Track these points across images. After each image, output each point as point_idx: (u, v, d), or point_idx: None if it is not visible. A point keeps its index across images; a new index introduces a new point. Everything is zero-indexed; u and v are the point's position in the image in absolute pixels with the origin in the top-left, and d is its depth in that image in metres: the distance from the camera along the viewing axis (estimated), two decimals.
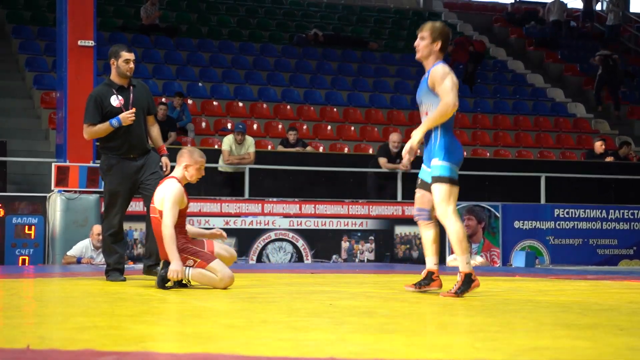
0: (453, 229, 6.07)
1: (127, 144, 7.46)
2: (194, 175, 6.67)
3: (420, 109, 6.32)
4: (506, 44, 23.54)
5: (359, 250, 13.44)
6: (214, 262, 6.59)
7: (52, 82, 15.48)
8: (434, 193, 6.09)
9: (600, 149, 16.38)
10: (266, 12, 21.97)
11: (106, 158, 7.52)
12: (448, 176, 6.06)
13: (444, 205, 6.04)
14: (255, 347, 3.61)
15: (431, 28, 6.30)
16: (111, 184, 7.48)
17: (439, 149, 6.09)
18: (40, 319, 4.61)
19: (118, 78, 7.58)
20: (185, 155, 6.66)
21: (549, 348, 3.63)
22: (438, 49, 6.27)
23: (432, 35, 6.27)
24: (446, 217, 6.06)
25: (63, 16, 11.91)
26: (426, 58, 6.32)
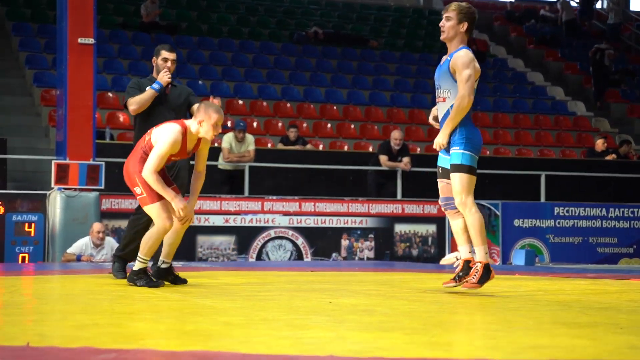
0: (472, 219, 5.96)
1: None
2: (209, 132, 6.23)
3: (437, 93, 6.16)
4: (506, 42, 23.53)
5: (358, 248, 13.44)
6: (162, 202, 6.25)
7: (52, 80, 15.47)
8: (453, 181, 5.97)
9: (602, 147, 16.38)
10: (266, 10, 21.96)
11: None
12: (468, 164, 5.95)
13: (463, 195, 5.94)
14: (254, 345, 3.61)
15: (458, 8, 6.07)
16: None
17: (459, 137, 5.99)
18: (40, 317, 4.61)
19: (157, 76, 7.52)
20: (201, 110, 6.30)
21: (549, 346, 3.63)
22: (464, 30, 6.08)
23: (459, 16, 6.06)
24: (465, 207, 5.95)
25: (63, 14, 11.90)
26: (451, 40, 6.14)
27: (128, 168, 6.36)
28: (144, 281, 6.38)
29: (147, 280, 6.39)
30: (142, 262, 6.41)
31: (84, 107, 11.80)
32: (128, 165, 6.37)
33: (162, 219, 6.25)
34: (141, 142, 6.39)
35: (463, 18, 6.06)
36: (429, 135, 17.66)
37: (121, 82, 16.85)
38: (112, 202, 12.35)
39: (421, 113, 18.32)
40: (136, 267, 6.42)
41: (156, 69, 7.56)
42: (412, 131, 17.42)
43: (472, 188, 5.97)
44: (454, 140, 6.01)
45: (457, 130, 6.02)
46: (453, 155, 5.99)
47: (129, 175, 6.35)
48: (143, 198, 6.29)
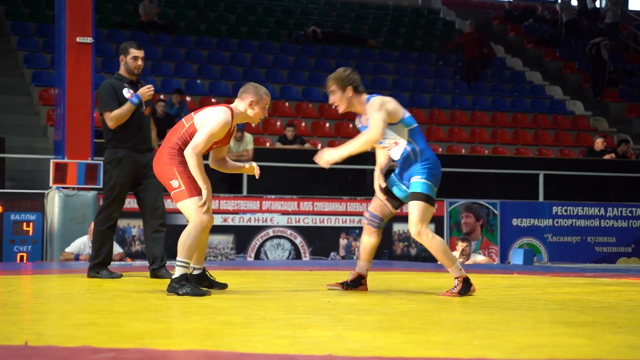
0: (434, 245, 6.01)
1: (138, 135, 7.50)
2: (258, 114, 6.06)
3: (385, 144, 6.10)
4: (505, 42, 23.53)
5: (357, 248, 13.44)
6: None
7: (51, 79, 15.47)
8: (411, 210, 5.96)
9: (602, 146, 16.39)
10: (265, 9, 21.96)
11: (115, 151, 7.49)
12: (427, 194, 5.98)
13: (420, 226, 5.93)
14: (253, 344, 3.61)
15: (334, 79, 6.02)
16: (119, 177, 7.45)
17: (422, 167, 6.01)
18: (38, 316, 4.61)
19: (127, 74, 7.64)
20: (251, 91, 5.99)
21: (547, 345, 3.63)
22: (352, 93, 6.03)
23: (340, 86, 6.02)
24: (423, 236, 5.97)
25: (61, 13, 11.90)
26: (350, 107, 6.09)
27: (162, 159, 5.84)
28: (187, 289, 5.59)
29: (191, 287, 5.61)
30: (183, 267, 5.65)
31: (82, 106, 11.79)
32: (161, 157, 5.85)
33: (201, 213, 5.70)
34: (176, 132, 5.88)
35: (344, 84, 6.02)
36: (428, 134, 17.68)
37: None
38: None
39: (420, 112, 18.32)
40: (177, 273, 5.63)
41: (125, 67, 7.65)
42: None
43: (429, 219, 6.00)
44: (416, 170, 6.02)
45: (420, 160, 6.03)
46: (414, 184, 6.00)
47: (163, 168, 5.82)
48: (180, 192, 5.74)
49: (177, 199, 5.77)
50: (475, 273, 9.13)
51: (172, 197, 5.81)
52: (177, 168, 5.77)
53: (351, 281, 6.33)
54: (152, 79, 17.21)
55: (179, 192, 5.75)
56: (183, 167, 5.77)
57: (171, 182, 5.78)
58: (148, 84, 7.70)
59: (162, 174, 5.85)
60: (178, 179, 5.75)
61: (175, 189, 5.76)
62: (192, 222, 5.71)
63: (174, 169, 5.77)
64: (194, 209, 5.71)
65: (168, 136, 5.92)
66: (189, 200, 5.72)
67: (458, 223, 13.82)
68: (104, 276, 7.41)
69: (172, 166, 5.78)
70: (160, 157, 5.87)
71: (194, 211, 5.71)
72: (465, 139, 17.77)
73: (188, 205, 5.73)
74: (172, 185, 5.78)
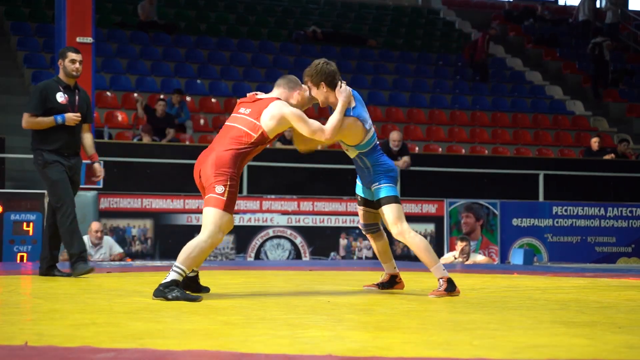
0: (415, 243, 6.07)
1: (64, 141, 7.68)
2: (307, 104, 6.04)
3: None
4: (505, 42, 23.53)
5: (357, 248, 13.44)
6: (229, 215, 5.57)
7: None
8: (385, 215, 6.05)
9: (596, 147, 16.40)
10: (265, 9, 21.96)
11: (40, 154, 7.66)
12: (393, 195, 6.09)
13: (399, 225, 6.01)
14: (253, 344, 3.61)
15: (308, 76, 6.01)
16: (56, 173, 7.65)
17: (375, 174, 6.10)
18: (38, 316, 4.61)
19: (65, 77, 7.81)
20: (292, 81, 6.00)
21: (547, 345, 3.63)
22: (326, 89, 5.99)
23: (312, 81, 6.00)
24: (404, 234, 6.04)
25: (61, 13, 11.90)
26: (327, 102, 6.07)
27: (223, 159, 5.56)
28: (177, 293, 5.36)
29: (180, 292, 5.39)
30: (178, 273, 5.43)
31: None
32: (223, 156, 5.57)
33: (221, 231, 5.50)
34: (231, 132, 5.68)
35: (317, 81, 5.98)
36: (427, 134, 17.68)
37: (120, 82, 16.86)
38: (110, 201, 12.35)
39: (420, 112, 18.33)
40: (169, 278, 5.41)
41: (63, 70, 7.80)
42: (410, 130, 17.42)
43: (403, 215, 6.08)
44: (372, 179, 6.11)
45: (372, 168, 6.10)
46: (376, 191, 6.10)
47: (221, 167, 5.55)
48: (217, 200, 5.50)
49: (211, 203, 5.50)
50: (475, 273, 9.14)
51: (208, 199, 5.52)
52: (230, 178, 5.55)
53: (387, 282, 6.46)
54: (152, 79, 17.22)
55: (217, 199, 5.50)
56: (235, 181, 5.59)
57: (216, 186, 5.52)
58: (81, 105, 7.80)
59: (215, 170, 5.55)
60: (226, 188, 5.53)
61: (217, 194, 5.51)
62: (207, 234, 5.47)
63: (227, 177, 5.55)
64: (218, 223, 5.48)
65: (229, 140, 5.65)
66: (220, 212, 5.49)
67: (458, 223, 13.81)
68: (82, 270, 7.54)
69: (228, 172, 5.55)
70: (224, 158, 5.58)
71: (216, 225, 5.48)
72: (465, 139, 17.77)
73: (215, 216, 5.49)
74: (214, 189, 5.51)
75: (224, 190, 5.51)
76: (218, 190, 5.51)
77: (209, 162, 5.59)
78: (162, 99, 14.95)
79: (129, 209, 12.52)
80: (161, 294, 5.37)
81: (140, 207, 12.51)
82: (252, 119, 5.69)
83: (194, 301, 5.34)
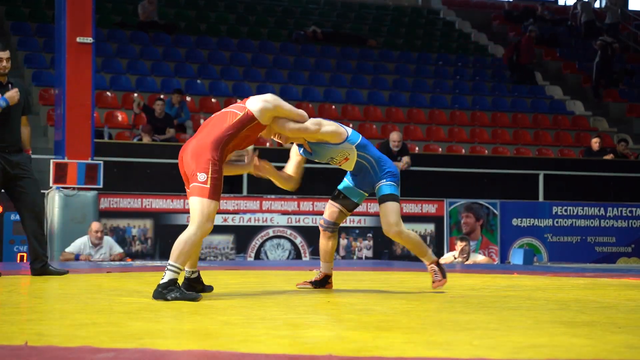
0: (411, 240, 6.28)
1: (1, 137, 7.55)
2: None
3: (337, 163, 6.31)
4: (505, 42, 23.52)
5: (357, 248, 13.44)
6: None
7: (51, 79, 15.46)
8: (387, 213, 6.14)
9: (597, 147, 16.41)
10: (265, 9, 21.96)
11: None
12: (397, 195, 6.20)
13: (399, 225, 6.14)
14: (253, 344, 3.61)
15: None
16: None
17: (380, 171, 6.19)
18: (38, 316, 4.61)
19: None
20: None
21: (547, 345, 3.63)
22: None
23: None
24: (403, 235, 6.19)
25: (62, 13, 11.90)
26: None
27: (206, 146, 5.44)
28: (177, 294, 5.28)
29: (180, 292, 5.30)
30: (174, 272, 5.32)
31: (82, 106, 11.80)
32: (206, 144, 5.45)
33: (209, 220, 5.37)
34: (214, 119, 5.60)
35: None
36: (427, 134, 17.67)
37: (120, 82, 16.86)
38: (110, 201, 12.35)
39: (420, 112, 18.33)
40: (166, 278, 5.31)
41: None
42: (410, 130, 17.42)
43: (400, 216, 6.20)
44: (380, 176, 6.20)
45: (377, 165, 6.19)
46: (382, 188, 6.18)
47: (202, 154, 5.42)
48: (201, 188, 5.34)
49: (195, 193, 5.36)
50: (475, 273, 9.14)
51: (192, 188, 5.39)
52: (212, 164, 5.40)
53: (319, 281, 6.52)
54: (152, 79, 17.22)
55: (200, 188, 5.35)
56: (218, 167, 5.43)
57: (198, 174, 5.38)
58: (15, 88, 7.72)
59: (196, 158, 5.41)
60: (208, 175, 5.37)
61: (200, 183, 5.36)
62: (196, 226, 5.34)
63: (209, 164, 5.39)
64: (205, 212, 5.34)
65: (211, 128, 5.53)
66: (206, 201, 5.34)
67: (458, 223, 13.82)
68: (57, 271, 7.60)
69: (209, 158, 5.40)
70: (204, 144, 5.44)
71: (203, 214, 5.34)
72: (465, 139, 17.77)
73: (202, 205, 5.34)
74: (197, 178, 5.37)
75: (206, 178, 5.35)
76: (200, 179, 5.36)
77: (189, 149, 5.47)
78: (160, 99, 14.94)
79: (129, 209, 12.53)
80: (160, 295, 5.28)
81: (140, 207, 12.52)
82: (238, 104, 5.71)
83: (194, 300, 5.26)
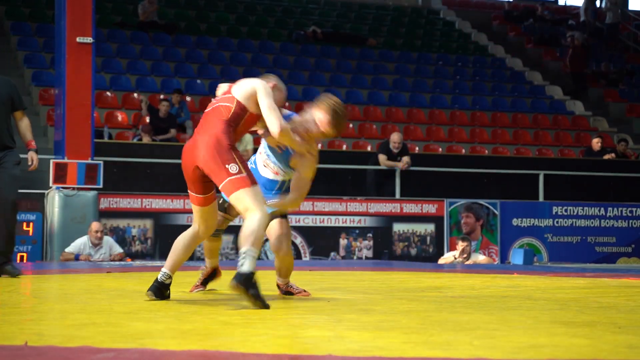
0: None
1: None
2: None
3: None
4: (505, 42, 23.54)
5: (357, 248, 13.44)
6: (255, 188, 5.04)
7: (51, 79, 15.46)
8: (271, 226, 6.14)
9: (598, 147, 16.41)
10: (265, 9, 21.96)
11: None
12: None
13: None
14: (253, 344, 3.61)
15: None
16: None
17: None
18: (38, 316, 4.61)
19: None
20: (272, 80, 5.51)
21: (547, 345, 3.63)
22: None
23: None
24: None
25: (62, 13, 11.90)
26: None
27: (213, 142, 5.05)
28: (255, 291, 4.85)
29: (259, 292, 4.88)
30: (254, 258, 4.92)
31: (82, 106, 11.80)
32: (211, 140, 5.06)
33: (262, 203, 5.00)
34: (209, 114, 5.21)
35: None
36: (427, 134, 17.67)
37: (120, 81, 16.85)
38: (110, 201, 12.35)
39: (419, 112, 18.33)
40: (247, 266, 4.86)
41: None
42: (410, 130, 17.42)
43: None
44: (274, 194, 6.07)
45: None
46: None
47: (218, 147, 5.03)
48: (240, 179, 4.95)
49: (235, 186, 4.95)
50: (475, 273, 9.14)
51: (228, 184, 4.97)
52: (235, 151, 5.03)
53: (208, 276, 6.41)
54: (152, 79, 17.22)
55: (238, 180, 4.95)
56: (239, 152, 5.09)
57: (228, 166, 4.95)
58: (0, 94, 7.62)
59: (215, 152, 5.00)
60: (238, 164, 4.98)
61: (234, 175, 4.94)
62: (258, 209, 4.95)
63: (231, 152, 5.00)
64: (257, 198, 4.97)
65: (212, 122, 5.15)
66: (251, 189, 4.96)
67: (458, 223, 13.82)
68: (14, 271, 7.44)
69: (230, 147, 5.02)
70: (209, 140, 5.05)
71: (258, 201, 4.97)
72: (465, 139, 17.77)
73: (250, 195, 4.97)
74: (229, 170, 4.95)
75: (238, 167, 4.97)
76: (233, 170, 4.96)
77: (203, 145, 5.06)
78: (165, 99, 14.97)
79: (129, 209, 12.52)
80: (242, 284, 4.79)
81: (140, 207, 12.51)
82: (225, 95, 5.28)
83: (264, 308, 4.84)
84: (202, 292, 6.22)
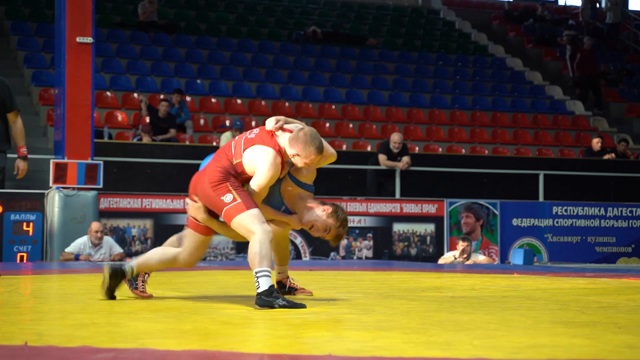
0: None
1: None
2: (298, 164, 5.34)
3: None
4: (505, 42, 23.54)
5: (357, 248, 13.44)
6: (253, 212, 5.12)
7: (51, 79, 15.46)
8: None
9: (598, 147, 16.41)
10: (265, 9, 21.96)
11: None
12: None
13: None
14: (253, 344, 3.61)
15: None
16: None
17: None
18: (38, 316, 4.61)
19: None
20: (300, 144, 5.20)
21: (547, 346, 3.63)
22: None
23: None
24: None
25: (61, 13, 11.90)
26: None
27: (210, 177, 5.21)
28: (284, 302, 4.96)
29: (286, 300, 5.01)
30: (267, 276, 4.97)
31: (82, 106, 11.79)
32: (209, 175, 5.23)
33: (262, 223, 5.08)
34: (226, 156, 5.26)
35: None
36: (427, 134, 17.67)
37: (119, 81, 16.85)
38: (110, 201, 12.35)
39: (419, 112, 18.33)
40: (263, 285, 4.95)
41: None
42: (410, 130, 17.42)
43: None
44: None
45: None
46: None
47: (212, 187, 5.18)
48: (236, 206, 5.07)
49: (233, 213, 5.07)
50: (475, 273, 9.14)
51: (226, 215, 5.10)
52: (231, 184, 5.14)
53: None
54: (152, 79, 17.22)
55: (234, 206, 5.07)
56: (238, 184, 5.19)
57: (223, 197, 5.10)
58: None
59: (208, 192, 5.18)
60: (233, 193, 5.10)
61: (230, 204, 5.08)
62: (257, 234, 5.02)
63: (227, 185, 5.13)
64: (253, 220, 5.05)
65: (217, 157, 5.29)
66: (246, 213, 5.05)
67: (458, 223, 13.81)
68: None
69: (225, 183, 5.14)
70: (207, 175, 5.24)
71: (254, 223, 5.05)
72: (465, 139, 17.77)
73: (246, 218, 5.05)
74: (224, 201, 5.10)
75: (233, 195, 5.10)
76: (227, 200, 5.10)
77: (201, 183, 5.26)
78: (164, 100, 14.97)
79: (129, 209, 12.52)
80: (266, 303, 4.92)
81: (140, 207, 12.51)
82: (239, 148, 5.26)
83: (300, 307, 4.98)
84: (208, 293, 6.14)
